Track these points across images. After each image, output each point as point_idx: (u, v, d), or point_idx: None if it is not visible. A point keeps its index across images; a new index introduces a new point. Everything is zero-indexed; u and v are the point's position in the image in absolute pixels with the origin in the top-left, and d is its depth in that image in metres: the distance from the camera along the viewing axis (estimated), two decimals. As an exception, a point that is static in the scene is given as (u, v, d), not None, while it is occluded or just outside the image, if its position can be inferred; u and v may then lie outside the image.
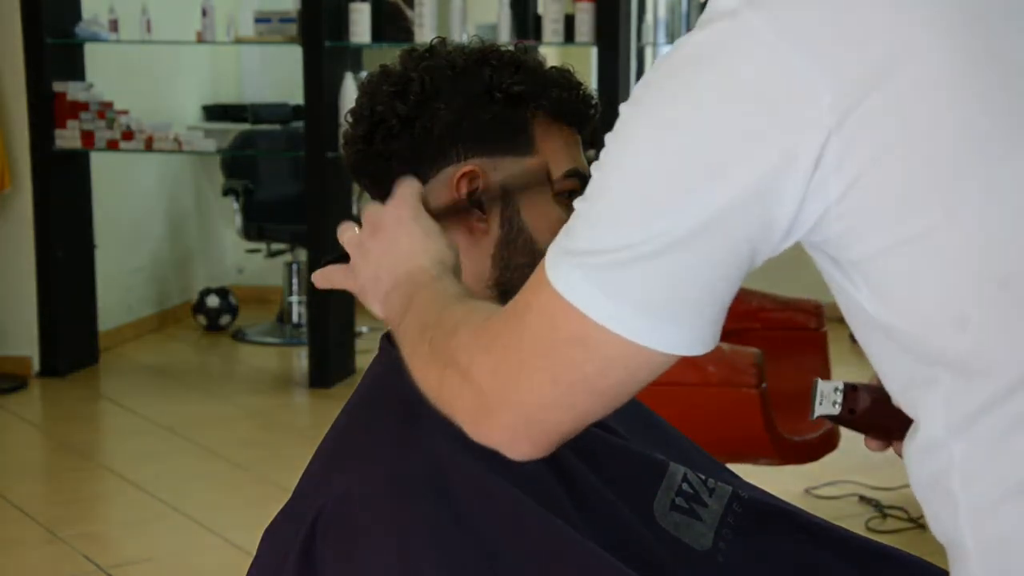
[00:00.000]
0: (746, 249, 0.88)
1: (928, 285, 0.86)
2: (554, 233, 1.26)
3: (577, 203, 0.95)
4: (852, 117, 0.83)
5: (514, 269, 1.25)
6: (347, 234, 1.20)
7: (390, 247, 1.16)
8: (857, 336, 0.94)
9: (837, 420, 1.12)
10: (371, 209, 1.20)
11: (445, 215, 1.22)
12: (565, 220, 1.26)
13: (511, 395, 0.95)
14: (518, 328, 0.94)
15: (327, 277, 1.22)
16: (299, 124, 5.92)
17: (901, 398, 0.95)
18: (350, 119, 1.28)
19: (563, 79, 1.28)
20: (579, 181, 1.28)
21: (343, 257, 1.21)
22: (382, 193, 1.29)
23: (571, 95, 1.28)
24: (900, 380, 0.94)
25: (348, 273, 1.19)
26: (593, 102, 1.30)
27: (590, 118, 1.30)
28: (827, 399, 1.12)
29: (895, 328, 0.89)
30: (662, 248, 0.87)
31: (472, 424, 0.99)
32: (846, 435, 3.25)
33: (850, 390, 1.11)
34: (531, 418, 0.95)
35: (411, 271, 1.12)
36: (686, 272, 0.88)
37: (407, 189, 1.19)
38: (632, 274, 0.88)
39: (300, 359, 5.51)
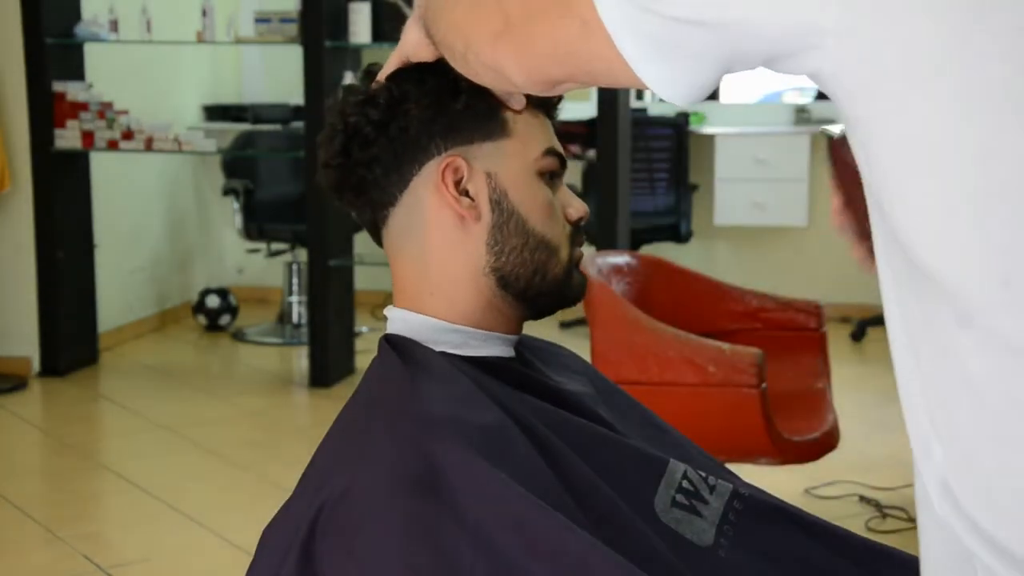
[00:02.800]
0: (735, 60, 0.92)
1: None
2: (543, 211, 1.29)
3: None
4: None
5: (509, 252, 1.27)
6: None
7: None
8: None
9: (831, 145, 1.13)
10: None
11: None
12: (551, 198, 1.29)
13: (524, 33, 1.03)
14: None
15: None
16: (299, 124, 5.92)
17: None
18: (322, 142, 1.30)
19: None
20: (557, 160, 1.30)
21: None
22: (368, 205, 1.29)
23: None
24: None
25: None
26: None
27: (556, 104, 1.33)
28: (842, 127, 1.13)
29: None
30: (704, 19, 0.89)
31: (491, 41, 1.07)
32: (846, 435, 3.25)
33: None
34: (531, 55, 1.04)
35: None
36: (708, 47, 0.91)
37: None
38: (660, 27, 0.91)
39: (300, 359, 5.52)
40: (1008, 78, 0.80)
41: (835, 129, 1.12)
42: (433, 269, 1.28)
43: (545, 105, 1.32)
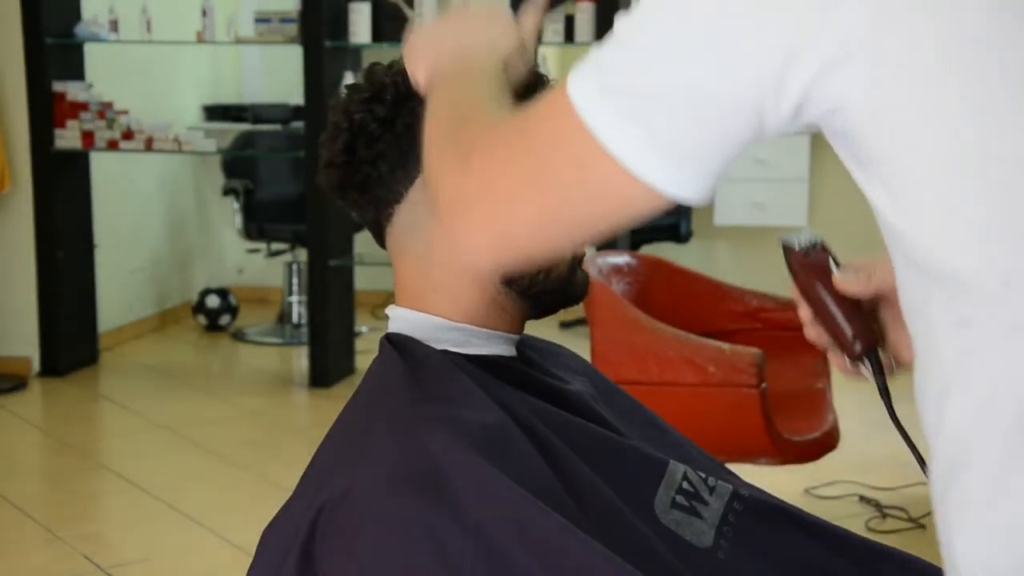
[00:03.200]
0: (758, 117, 0.86)
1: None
2: None
3: (619, 30, 0.90)
4: None
5: None
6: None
7: (462, 23, 1.20)
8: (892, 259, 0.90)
9: (791, 257, 1.11)
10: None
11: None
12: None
13: (494, 199, 0.94)
14: (526, 136, 0.93)
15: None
16: (299, 124, 5.92)
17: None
18: (324, 142, 1.30)
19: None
20: None
21: None
22: (372, 204, 1.29)
23: (537, 79, 1.31)
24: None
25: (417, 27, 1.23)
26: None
27: None
28: (799, 238, 1.12)
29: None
30: (691, 98, 0.85)
31: (450, 213, 0.97)
32: (846, 435, 3.25)
33: (821, 247, 1.11)
34: (504, 228, 0.94)
35: (472, 49, 1.14)
36: (702, 125, 0.86)
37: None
38: (654, 113, 0.85)
39: (300, 359, 5.52)
40: (1008, 80, 0.80)
41: (793, 239, 1.12)
42: (437, 266, 1.27)
43: None
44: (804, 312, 1.12)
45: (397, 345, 1.26)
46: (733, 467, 1.57)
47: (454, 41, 1.17)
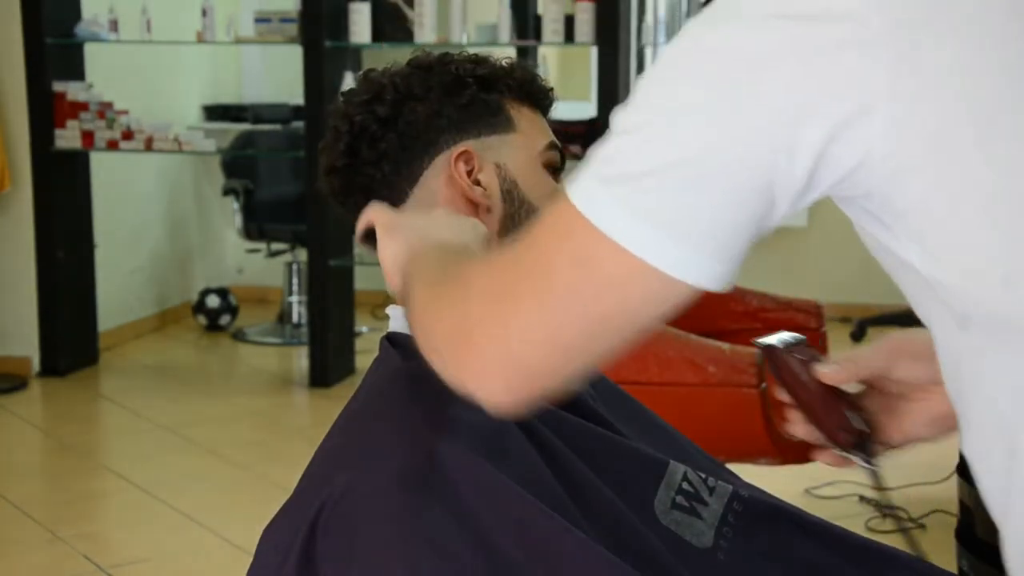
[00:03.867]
0: (769, 190, 0.82)
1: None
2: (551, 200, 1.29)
3: (615, 125, 0.87)
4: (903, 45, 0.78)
5: None
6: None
7: (433, 219, 1.17)
8: (914, 307, 0.87)
9: (773, 356, 1.11)
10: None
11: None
12: (557, 188, 1.30)
13: (495, 317, 0.85)
14: (524, 247, 0.87)
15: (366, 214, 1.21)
16: (299, 124, 5.92)
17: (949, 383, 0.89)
18: (324, 148, 1.30)
19: (520, 67, 1.34)
20: (558, 154, 1.33)
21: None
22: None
23: (532, 78, 1.34)
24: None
25: (387, 215, 1.18)
26: (550, 88, 1.35)
27: (551, 102, 1.35)
28: (778, 338, 1.12)
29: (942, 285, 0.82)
30: (696, 172, 0.81)
31: (450, 347, 0.89)
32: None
33: (803, 344, 1.12)
34: (512, 350, 0.85)
35: (452, 237, 1.12)
36: (712, 199, 0.81)
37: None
38: (658, 192, 0.81)
39: (300, 359, 5.51)
40: (1004, 84, 0.80)
41: (771, 340, 1.12)
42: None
43: (542, 105, 1.34)
44: (794, 413, 1.12)
45: (397, 344, 1.25)
46: (733, 467, 1.57)
47: (428, 224, 1.15)
